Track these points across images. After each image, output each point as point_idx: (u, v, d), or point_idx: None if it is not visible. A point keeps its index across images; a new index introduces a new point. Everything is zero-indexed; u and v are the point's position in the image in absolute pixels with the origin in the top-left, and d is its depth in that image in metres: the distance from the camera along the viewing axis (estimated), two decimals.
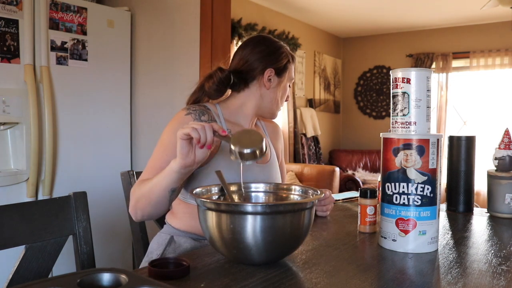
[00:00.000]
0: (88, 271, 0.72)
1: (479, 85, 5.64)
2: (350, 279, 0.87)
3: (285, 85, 1.44)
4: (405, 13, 5.30)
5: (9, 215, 1.07)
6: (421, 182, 1.02)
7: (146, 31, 2.81)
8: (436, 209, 1.04)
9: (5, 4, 2.13)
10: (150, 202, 1.15)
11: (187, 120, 1.28)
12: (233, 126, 1.37)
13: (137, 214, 1.19)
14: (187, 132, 1.01)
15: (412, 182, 1.02)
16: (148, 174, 1.23)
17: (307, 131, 5.55)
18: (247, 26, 4.49)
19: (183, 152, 1.04)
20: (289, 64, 1.42)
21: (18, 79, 2.21)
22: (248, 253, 0.89)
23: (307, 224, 0.94)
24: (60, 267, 1.28)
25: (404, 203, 1.03)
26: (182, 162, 1.05)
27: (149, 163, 1.26)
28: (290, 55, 1.43)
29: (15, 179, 2.21)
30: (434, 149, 1.03)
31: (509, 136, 1.46)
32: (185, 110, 1.31)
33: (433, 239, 1.05)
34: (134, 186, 1.21)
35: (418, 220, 1.02)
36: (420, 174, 1.02)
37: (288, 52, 1.43)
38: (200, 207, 0.94)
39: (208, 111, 1.33)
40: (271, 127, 1.57)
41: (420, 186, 1.02)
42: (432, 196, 1.03)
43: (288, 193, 1.11)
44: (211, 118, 1.32)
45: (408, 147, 1.02)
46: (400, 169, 1.03)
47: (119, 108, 2.73)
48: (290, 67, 1.43)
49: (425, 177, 1.02)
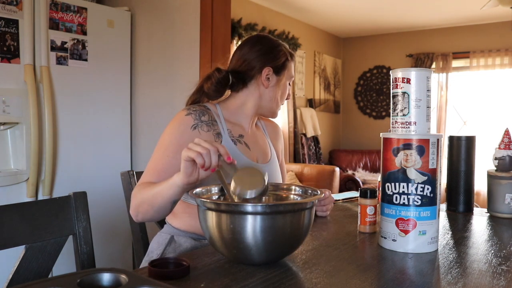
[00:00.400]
0: (88, 271, 0.72)
1: (479, 85, 5.64)
2: (350, 279, 0.87)
3: (284, 83, 1.43)
4: (405, 13, 5.30)
5: (9, 215, 1.07)
6: (421, 182, 1.02)
7: (146, 31, 2.81)
8: (436, 209, 1.04)
9: (5, 4, 2.13)
10: (153, 208, 1.15)
11: (188, 120, 1.28)
12: (233, 126, 1.37)
13: (138, 216, 1.19)
14: (192, 156, 1.00)
15: (412, 182, 1.02)
16: (150, 176, 1.22)
17: (307, 131, 5.55)
18: (247, 26, 4.49)
19: (187, 172, 1.03)
20: (287, 62, 1.41)
21: (18, 79, 2.21)
22: (248, 253, 0.89)
23: (307, 224, 0.94)
24: (60, 267, 1.28)
25: (404, 203, 1.03)
26: (185, 180, 1.04)
27: (149, 164, 1.26)
28: (288, 53, 1.42)
29: (15, 179, 2.21)
30: (434, 149, 1.03)
31: (509, 136, 1.46)
32: (186, 111, 1.31)
33: (433, 239, 1.04)
34: (135, 188, 1.21)
35: (418, 220, 1.02)
36: (420, 174, 1.02)
37: (286, 50, 1.42)
38: (200, 207, 0.94)
39: (208, 111, 1.33)
40: (271, 127, 1.57)
41: (420, 186, 1.02)
42: (432, 196, 1.03)
43: (288, 193, 1.11)
44: (211, 118, 1.32)
45: (408, 147, 1.02)
46: (400, 169, 1.03)
47: (119, 108, 2.73)
48: (289, 65, 1.42)
49: (425, 177, 1.02)
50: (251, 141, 1.40)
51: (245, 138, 1.38)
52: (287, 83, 1.44)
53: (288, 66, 1.42)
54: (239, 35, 4.36)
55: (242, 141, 1.36)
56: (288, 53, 1.42)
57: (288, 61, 1.42)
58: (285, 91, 1.45)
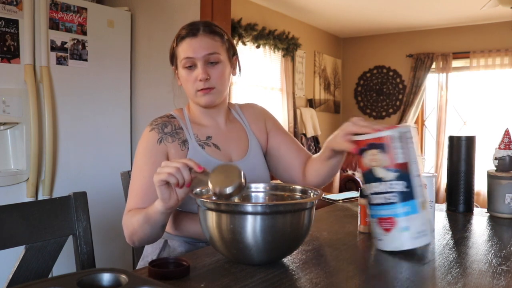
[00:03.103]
0: (88, 271, 0.72)
1: (479, 85, 5.64)
2: (350, 279, 0.87)
3: (181, 71, 1.29)
4: (405, 13, 5.30)
5: (9, 215, 1.07)
6: (391, 179, 1.00)
7: (146, 31, 2.81)
8: (416, 203, 1.01)
9: (5, 4, 2.13)
10: (145, 234, 1.14)
11: (152, 136, 1.26)
12: (200, 128, 1.33)
13: (135, 243, 1.20)
14: (163, 178, 0.98)
15: (381, 181, 1.00)
16: (134, 201, 1.22)
17: (307, 131, 5.55)
18: (247, 26, 4.48)
19: (164, 197, 1.01)
20: (175, 48, 1.30)
21: (18, 79, 2.21)
22: (248, 253, 0.89)
23: (307, 224, 0.93)
24: (60, 267, 1.28)
25: (380, 202, 1.02)
26: (165, 205, 1.03)
27: (130, 188, 1.26)
28: (175, 38, 1.30)
29: (15, 179, 2.21)
30: (399, 143, 1.00)
31: (509, 136, 1.46)
32: (149, 127, 1.30)
33: (420, 233, 1.01)
34: (124, 217, 1.21)
35: (398, 217, 1.00)
36: (389, 171, 1.00)
37: (176, 36, 1.30)
38: (200, 207, 0.94)
39: (173, 120, 1.31)
40: (247, 111, 1.45)
41: (391, 183, 1.00)
42: (409, 191, 1.00)
43: (288, 193, 1.11)
44: (175, 127, 1.30)
45: (371, 147, 1.01)
46: (370, 170, 1.02)
47: (119, 108, 2.73)
48: (177, 50, 1.29)
49: (396, 173, 1.00)
50: (222, 139, 1.34)
51: (214, 139, 1.33)
52: (182, 70, 1.28)
53: (177, 52, 1.30)
54: (239, 35, 4.36)
55: (210, 142, 1.31)
56: (175, 39, 1.29)
57: (176, 47, 1.30)
58: (188, 77, 1.27)
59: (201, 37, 1.26)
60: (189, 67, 1.26)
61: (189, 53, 1.25)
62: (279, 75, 5.15)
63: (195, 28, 1.27)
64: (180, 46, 1.27)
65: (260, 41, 4.70)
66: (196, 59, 1.25)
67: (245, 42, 4.48)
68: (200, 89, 1.26)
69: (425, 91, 6.02)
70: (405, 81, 6.18)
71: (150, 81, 2.81)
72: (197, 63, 1.25)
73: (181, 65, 1.28)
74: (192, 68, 1.26)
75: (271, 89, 5.05)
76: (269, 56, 4.97)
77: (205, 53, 1.25)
